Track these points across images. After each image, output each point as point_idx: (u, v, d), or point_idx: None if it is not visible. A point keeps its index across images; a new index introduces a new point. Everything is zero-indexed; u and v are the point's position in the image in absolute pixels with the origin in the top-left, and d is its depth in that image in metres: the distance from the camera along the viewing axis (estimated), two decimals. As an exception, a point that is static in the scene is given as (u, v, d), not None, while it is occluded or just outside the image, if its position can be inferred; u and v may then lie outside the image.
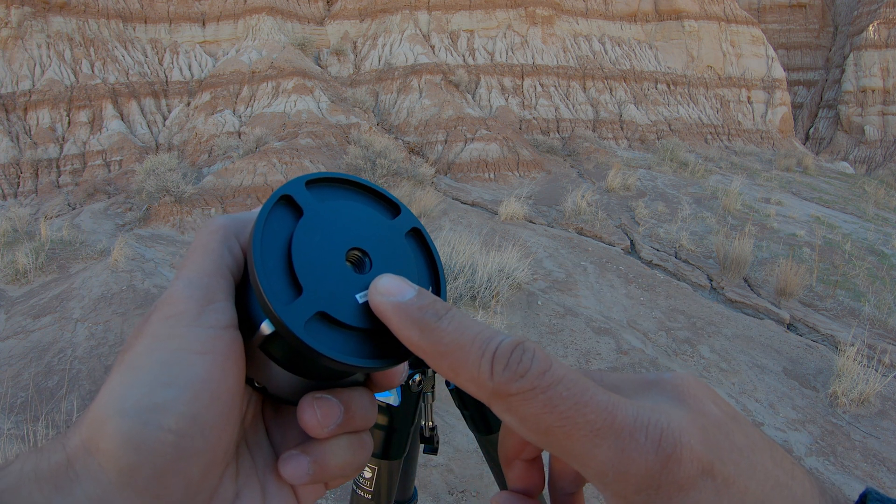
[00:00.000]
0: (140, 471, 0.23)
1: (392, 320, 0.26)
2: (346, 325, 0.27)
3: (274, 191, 0.29)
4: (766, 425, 3.44)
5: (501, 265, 5.08)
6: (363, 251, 0.29)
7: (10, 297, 5.62)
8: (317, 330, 0.26)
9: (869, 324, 5.29)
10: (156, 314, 0.27)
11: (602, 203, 9.22)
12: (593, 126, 15.47)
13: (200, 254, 0.28)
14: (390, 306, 0.26)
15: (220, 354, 0.26)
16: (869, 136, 23.47)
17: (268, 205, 0.28)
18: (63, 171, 11.34)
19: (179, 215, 8.32)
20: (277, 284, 0.26)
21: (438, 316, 0.26)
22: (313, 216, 0.29)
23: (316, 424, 0.28)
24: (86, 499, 0.23)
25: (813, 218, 9.56)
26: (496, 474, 0.68)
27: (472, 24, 16.06)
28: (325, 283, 0.27)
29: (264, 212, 0.28)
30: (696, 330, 4.67)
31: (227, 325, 0.27)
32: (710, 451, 0.24)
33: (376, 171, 10.03)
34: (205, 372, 0.25)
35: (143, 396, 0.24)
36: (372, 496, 0.66)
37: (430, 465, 2.86)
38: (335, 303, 0.27)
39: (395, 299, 0.26)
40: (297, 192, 0.29)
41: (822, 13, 28.18)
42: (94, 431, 0.24)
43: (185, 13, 14.32)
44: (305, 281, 0.27)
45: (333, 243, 0.29)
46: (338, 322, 0.27)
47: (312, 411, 0.28)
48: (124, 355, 0.26)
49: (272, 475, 0.30)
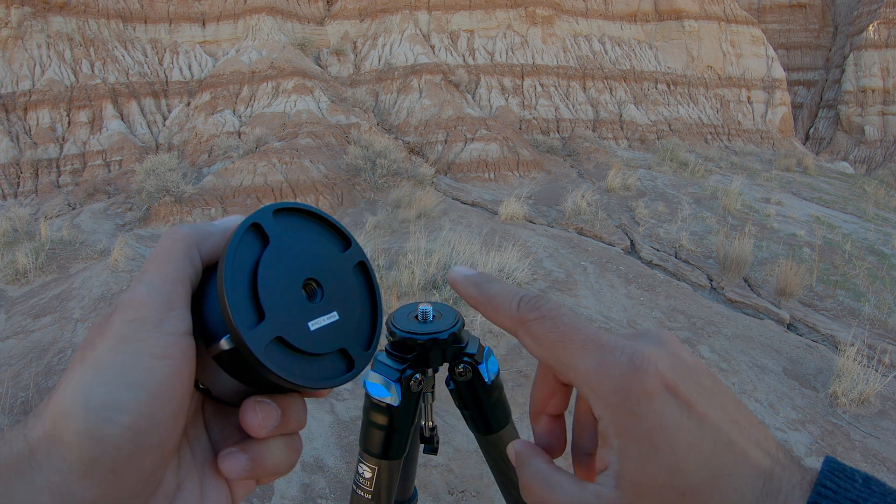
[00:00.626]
0: (100, 463, 0.25)
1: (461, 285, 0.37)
2: (299, 349, 0.31)
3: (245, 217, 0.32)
4: (766, 425, 3.44)
5: (501, 265, 5.07)
6: (317, 282, 0.33)
7: (10, 297, 5.62)
8: (274, 352, 0.29)
9: (869, 324, 5.29)
10: (119, 315, 0.29)
11: (602, 203, 9.22)
12: (593, 126, 15.47)
13: (164, 260, 0.31)
14: (461, 277, 0.37)
15: (177, 360, 0.28)
16: (869, 136, 23.47)
17: (239, 231, 0.31)
18: (63, 171, 11.34)
19: (179, 215, 8.32)
20: (243, 308, 0.29)
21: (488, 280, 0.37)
22: (277, 245, 0.32)
23: (257, 425, 0.31)
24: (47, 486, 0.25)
25: (813, 218, 9.56)
26: (496, 474, 0.68)
27: (472, 24, 16.06)
28: (283, 311, 0.31)
29: (236, 238, 0.30)
30: (696, 330, 4.67)
31: (185, 332, 0.29)
32: (675, 375, 0.30)
33: (376, 171, 10.03)
34: (163, 375, 0.28)
35: (106, 395, 0.26)
36: (372, 496, 0.66)
37: (430, 465, 2.86)
38: (292, 330, 0.31)
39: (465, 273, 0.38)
40: (265, 220, 0.32)
41: (822, 13, 28.18)
42: (58, 425, 0.26)
43: (185, 13, 14.32)
44: (268, 307, 0.30)
45: (293, 273, 0.32)
46: (292, 347, 0.30)
47: (254, 413, 0.31)
48: (86, 352, 0.28)
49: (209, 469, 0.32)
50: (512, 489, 0.68)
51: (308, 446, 3.03)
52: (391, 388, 0.59)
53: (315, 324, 0.32)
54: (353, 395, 3.53)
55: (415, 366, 0.60)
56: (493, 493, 2.70)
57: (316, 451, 2.99)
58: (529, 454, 0.36)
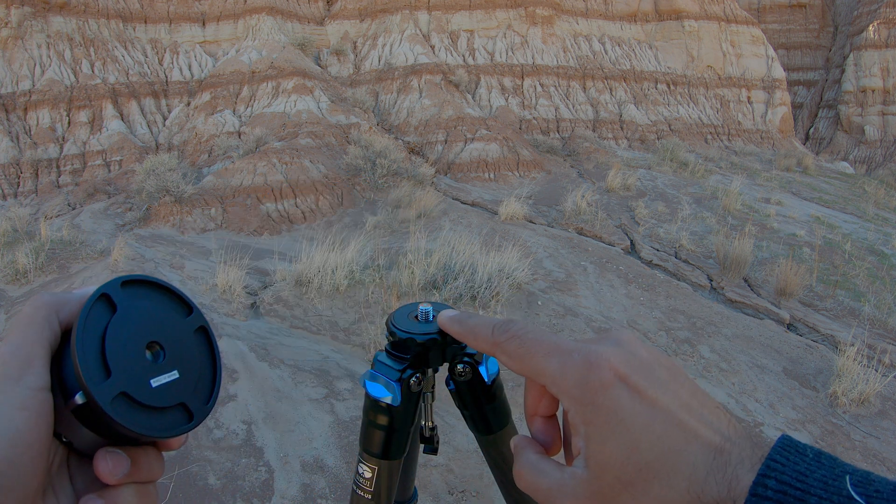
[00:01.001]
0: None
1: (447, 324, 0.48)
2: (142, 403, 0.35)
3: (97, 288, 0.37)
4: (765, 425, 3.44)
5: (501, 265, 5.08)
6: (160, 344, 0.38)
7: (10, 297, 5.62)
8: (119, 406, 0.34)
9: (869, 324, 5.29)
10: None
11: (602, 203, 9.22)
12: (593, 126, 15.46)
13: (26, 325, 0.35)
14: (447, 319, 0.49)
15: (35, 411, 0.32)
16: (869, 136, 23.47)
17: (90, 301, 0.35)
18: (63, 171, 11.34)
19: (179, 215, 8.32)
20: (93, 367, 0.34)
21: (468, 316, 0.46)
22: (124, 313, 0.37)
23: (107, 472, 0.35)
24: None
25: (813, 218, 9.56)
26: (496, 474, 0.68)
27: (472, 24, 16.06)
28: (128, 370, 0.35)
29: (87, 306, 0.35)
30: (696, 330, 4.67)
31: (42, 388, 0.33)
32: (627, 369, 0.35)
33: (376, 171, 10.03)
34: (22, 424, 0.31)
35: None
36: (372, 496, 0.66)
37: (430, 465, 2.86)
38: (135, 386, 0.35)
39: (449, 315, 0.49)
40: (113, 291, 0.37)
41: (822, 13, 28.18)
42: None
43: (185, 13, 14.32)
44: (114, 367, 0.34)
45: (137, 337, 0.37)
46: (136, 401, 0.35)
47: (105, 462, 0.35)
48: None
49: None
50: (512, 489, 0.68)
51: (308, 446, 3.03)
52: (391, 388, 0.59)
53: (157, 381, 0.36)
54: (354, 396, 3.53)
55: (415, 366, 0.60)
56: (493, 493, 2.70)
57: (316, 451, 2.99)
58: (524, 446, 0.41)
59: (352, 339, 4.40)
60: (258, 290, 5.55)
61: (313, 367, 3.89)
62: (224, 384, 3.58)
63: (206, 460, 2.85)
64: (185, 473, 2.74)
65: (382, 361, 0.61)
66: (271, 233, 8.29)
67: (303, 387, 3.60)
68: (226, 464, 2.84)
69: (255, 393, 3.49)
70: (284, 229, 8.48)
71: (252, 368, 3.78)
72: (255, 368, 3.78)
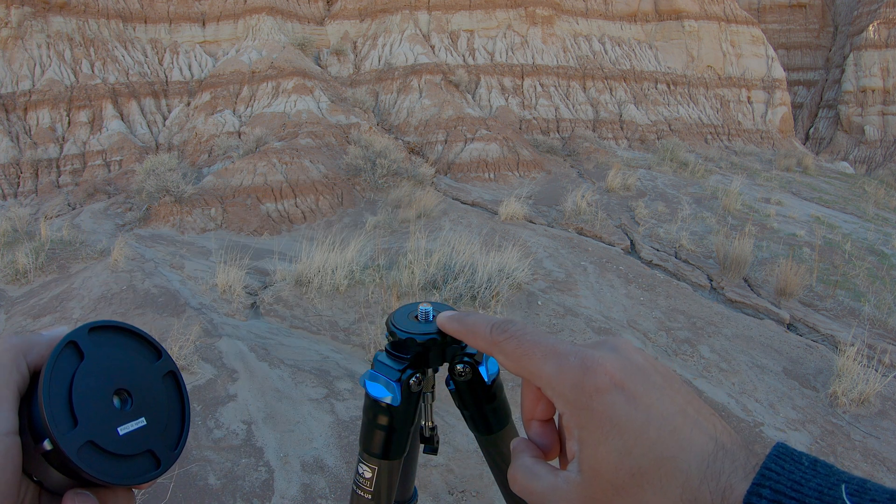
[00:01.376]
0: None
1: (446, 323, 0.49)
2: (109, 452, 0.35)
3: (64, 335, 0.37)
4: (765, 425, 3.44)
5: (501, 265, 5.08)
6: (128, 391, 0.38)
7: (10, 297, 5.62)
8: (86, 454, 0.34)
9: (869, 324, 5.29)
10: None
11: (602, 203, 9.22)
12: (593, 126, 15.46)
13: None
14: (446, 318, 0.49)
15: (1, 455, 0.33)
16: (869, 136, 23.47)
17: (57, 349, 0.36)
18: (63, 171, 11.34)
19: (179, 215, 8.32)
20: (60, 416, 0.34)
21: (467, 315, 0.47)
22: (91, 361, 0.37)
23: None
24: None
25: (813, 218, 9.56)
26: (496, 474, 0.68)
27: (472, 24, 16.06)
28: (95, 418, 0.35)
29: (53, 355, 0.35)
30: (696, 330, 4.67)
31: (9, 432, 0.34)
32: (623, 374, 0.35)
33: (376, 171, 10.03)
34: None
35: None
36: (372, 496, 0.66)
37: (430, 465, 2.86)
38: (102, 434, 0.35)
39: (448, 314, 0.50)
40: (80, 338, 0.37)
41: (822, 13, 28.18)
42: None
43: (185, 13, 14.32)
44: (80, 415, 0.35)
45: (104, 384, 0.37)
46: (103, 449, 0.35)
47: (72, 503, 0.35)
48: None
49: None
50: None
51: (308, 446, 3.03)
52: (391, 388, 0.59)
53: (124, 429, 0.37)
54: (354, 396, 3.53)
55: (415, 366, 0.60)
56: (493, 493, 2.70)
57: (316, 451, 2.99)
58: (521, 449, 0.41)
59: (352, 339, 4.40)
60: (258, 290, 5.55)
61: (313, 367, 3.89)
62: (224, 384, 3.58)
63: (206, 460, 2.85)
64: (185, 473, 2.74)
65: (382, 361, 0.61)
66: (271, 233, 8.29)
67: (303, 387, 3.60)
68: (226, 464, 2.84)
69: (255, 393, 3.49)
70: (284, 229, 8.48)
71: (252, 368, 3.78)
72: (255, 368, 3.78)
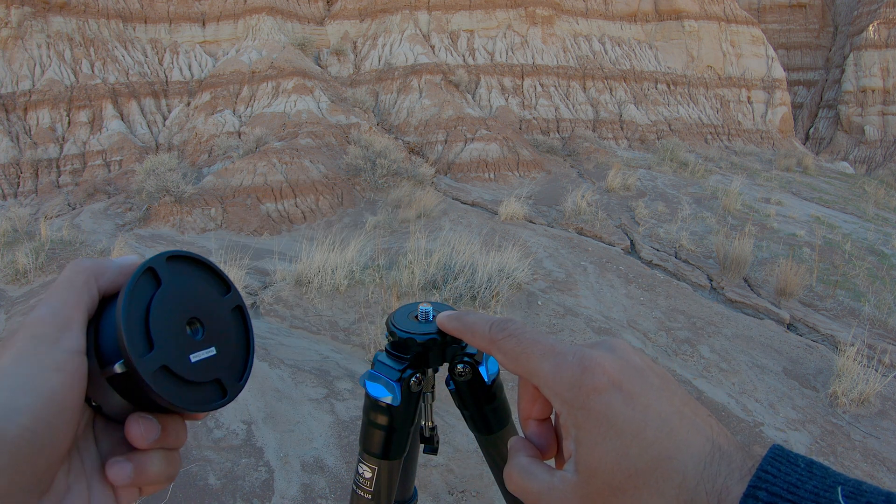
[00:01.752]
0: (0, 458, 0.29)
1: (446, 322, 0.48)
2: (181, 377, 0.36)
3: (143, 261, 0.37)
4: (765, 425, 3.44)
5: (501, 265, 5.07)
6: (200, 321, 0.39)
7: (10, 297, 5.62)
8: (159, 378, 0.35)
9: (869, 324, 5.29)
10: (23, 331, 0.34)
11: (602, 203, 9.22)
12: (593, 126, 15.46)
13: (65, 288, 0.36)
14: (445, 318, 0.49)
15: (69, 373, 0.33)
16: (869, 136, 23.47)
17: (137, 273, 0.36)
18: (63, 171, 11.34)
19: (179, 215, 8.32)
20: (137, 339, 0.34)
21: (466, 314, 0.47)
22: (168, 288, 0.37)
23: (139, 437, 0.35)
24: None
25: (813, 218, 9.56)
26: (496, 474, 0.68)
27: (472, 24, 16.06)
28: (169, 344, 0.36)
29: (133, 278, 0.36)
30: (696, 330, 4.67)
31: (78, 351, 0.34)
32: (620, 375, 0.35)
33: (376, 171, 10.03)
34: (57, 385, 0.32)
35: (8, 400, 0.30)
36: (372, 496, 0.66)
37: (430, 465, 2.86)
38: (175, 360, 0.36)
39: (448, 314, 0.49)
40: (159, 265, 0.38)
41: (822, 13, 28.17)
42: None
43: (185, 13, 14.32)
44: (157, 340, 0.35)
45: (179, 312, 0.37)
46: (175, 375, 0.36)
47: (138, 426, 0.36)
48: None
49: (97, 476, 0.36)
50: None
51: (308, 446, 3.03)
52: (391, 388, 0.59)
53: (196, 356, 0.37)
54: (354, 396, 3.54)
55: (415, 366, 0.60)
56: (493, 493, 2.70)
57: (316, 451, 2.99)
58: (518, 448, 0.40)
59: (352, 339, 4.40)
60: (258, 289, 5.55)
61: (313, 367, 3.89)
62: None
63: (206, 460, 2.85)
64: (185, 473, 2.74)
65: (382, 361, 0.61)
66: (271, 233, 8.29)
67: (303, 387, 3.60)
68: (226, 464, 2.84)
69: (255, 393, 3.49)
70: (284, 229, 8.48)
71: (252, 368, 3.78)
72: (254, 368, 3.79)
